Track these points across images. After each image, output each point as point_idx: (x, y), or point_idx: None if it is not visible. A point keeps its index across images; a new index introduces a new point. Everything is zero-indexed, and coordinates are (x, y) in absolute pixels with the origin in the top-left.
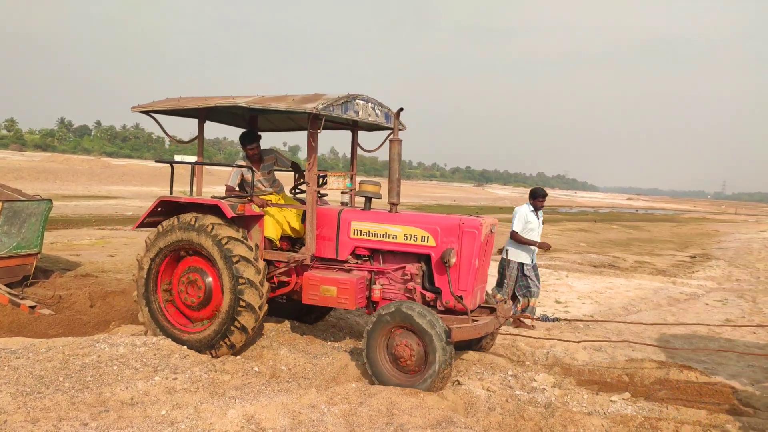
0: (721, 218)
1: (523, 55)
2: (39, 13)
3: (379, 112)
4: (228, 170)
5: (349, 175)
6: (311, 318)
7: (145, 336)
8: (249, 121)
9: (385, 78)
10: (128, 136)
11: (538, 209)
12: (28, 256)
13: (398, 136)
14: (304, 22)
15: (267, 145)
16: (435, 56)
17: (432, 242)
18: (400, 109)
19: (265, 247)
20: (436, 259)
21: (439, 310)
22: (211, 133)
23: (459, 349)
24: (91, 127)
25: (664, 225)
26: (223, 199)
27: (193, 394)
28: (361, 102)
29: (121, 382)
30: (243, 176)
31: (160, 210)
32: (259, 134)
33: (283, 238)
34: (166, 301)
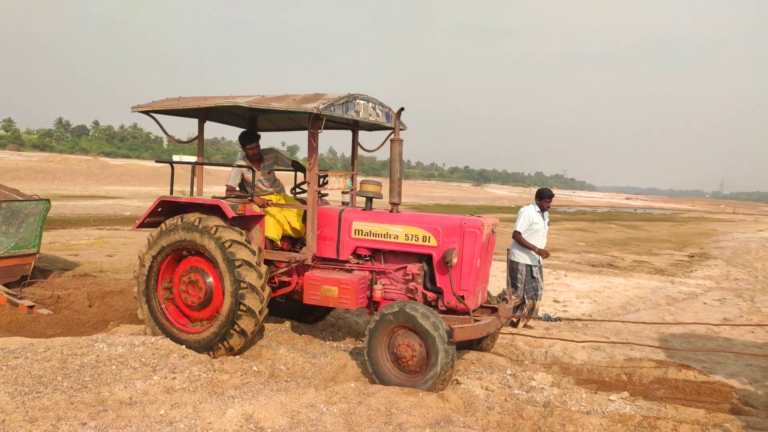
0: (719, 217)
1: (522, 55)
2: (37, 13)
3: (380, 111)
4: (227, 170)
5: (350, 175)
6: (311, 318)
7: (144, 336)
8: (249, 120)
9: (384, 78)
10: (126, 136)
11: (544, 210)
12: (27, 256)
13: (399, 136)
14: (304, 22)
15: (265, 145)
16: (433, 56)
17: (433, 242)
18: (401, 109)
19: (265, 247)
20: (438, 259)
21: (441, 310)
22: (210, 133)
23: (459, 349)
24: (89, 127)
25: (662, 224)
26: (223, 199)
27: (191, 393)
28: (362, 102)
29: (119, 382)
30: (243, 176)
31: (161, 210)
32: (259, 134)
33: (284, 238)
34: (166, 299)
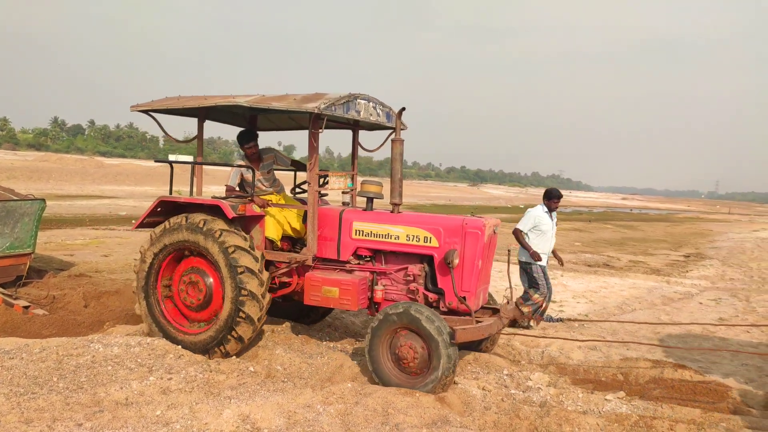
0: (714, 218)
1: (520, 56)
2: (35, 13)
3: (381, 111)
4: (224, 170)
5: (350, 175)
6: (310, 319)
7: (140, 336)
8: (249, 120)
9: (383, 78)
10: (122, 135)
11: (552, 210)
12: (22, 256)
13: (400, 136)
14: (304, 22)
15: (262, 145)
16: (431, 56)
17: (435, 243)
18: (402, 109)
19: (265, 247)
20: (439, 259)
21: (442, 311)
22: (206, 132)
23: (459, 350)
24: (85, 126)
25: (658, 224)
26: (223, 200)
27: (188, 394)
28: (363, 101)
29: (115, 383)
30: (243, 176)
31: (160, 210)
32: (257, 133)
33: (284, 239)
34: (164, 296)
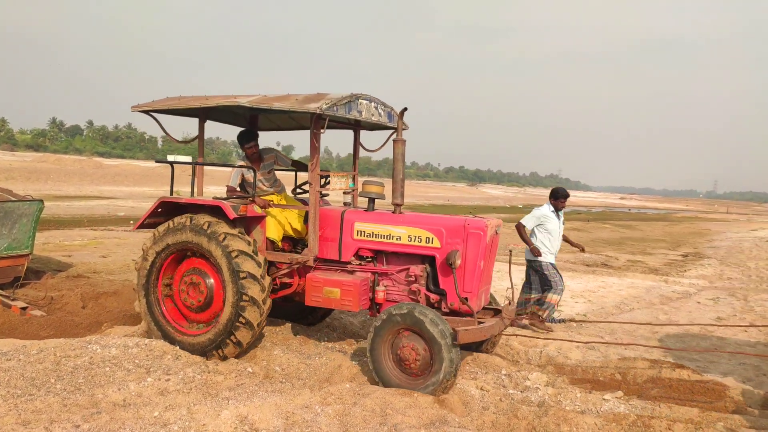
0: (713, 217)
1: (518, 55)
2: (32, 13)
3: (382, 111)
4: (223, 170)
5: (352, 176)
6: (311, 319)
7: (138, 337)
8: (249, 120)
9: (382, 78)
10: (120, 136)
11: (559, 210)
12: (20, 257)
13: (402, 137)
14: (304, 22)
15: (261, 145)
16: (429, 56)
17: (437, 243)
18: (404, 109)
19: (266, 248)
20: (441, 260)
21: (444, 312)
22: (205, 132)
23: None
24: (83, 127)
25: (656, 224)
26: (224, 200)
27: (186, 395)
28: (365, 102)
29: (113, 384)
30: (243, 176)
31: (161, 210)
32: (257, 133)
33: (285, 239)
34: (165, 295)
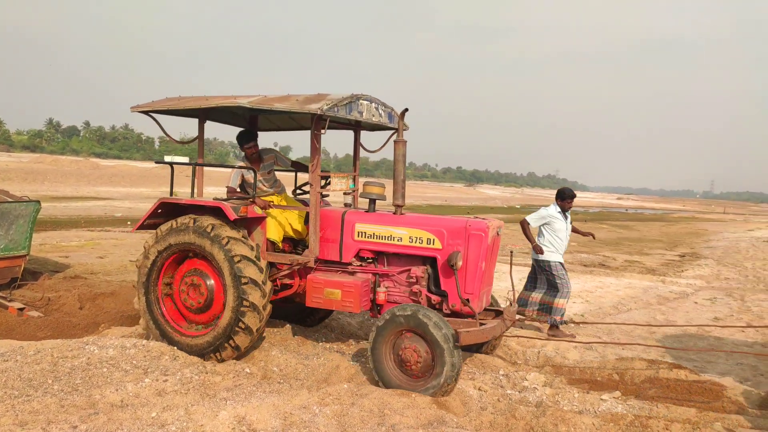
0: (709, 217)
1: (518, 55)
2: (29, 13)
3: (383, 112)
4: (220, 171)
5: (352, 176)
6: (311, 321)
7: (135, 338)
8: (249, 120)
9: (381, 78)
10: (117, 136)
11: (565, 210)
12: (16, 257)
13: (402, 137)
14: (304, 22)
15: (259, 146)
16: (428, 57)
17: (438, 245)
18: (405, 110)
19: (267, 248)
20: (442, 261)
21: (445, 313)
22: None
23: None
24: (80, 127)
25: (653, 224)
26: (225, 201)
27: (183, 395)
28: (365, 102)
29: (110, 385)
30: (243, 177)
31: (161, 211)
32: (257, 133)
33: (285, 240)
34: (165, 294)
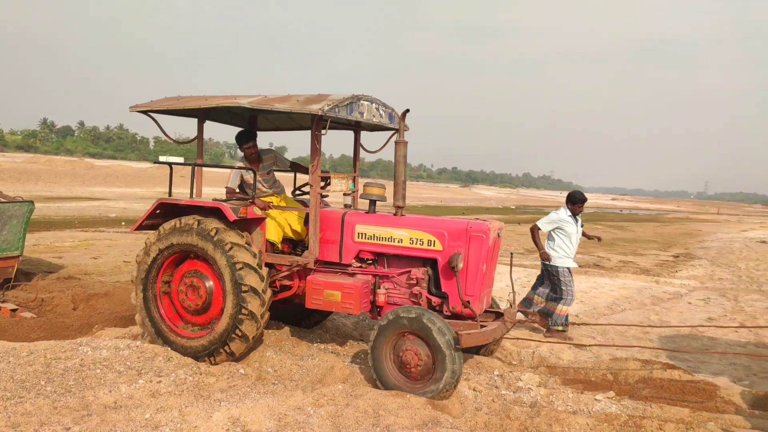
0: (703, 218)
1: (518, 55)
2: (24, 12)
3: (383, 113)
4: (218, 171)
5: (352, 177)
6: (309, 322)
7: (129, 339)
8: (248, 120)
9: (380, 78)
10: (112, 136)
11: (576, 214)
12: (10, 258)
13: (403, 138)
14: (303, 22)
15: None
16: (425, 57)
17: (438, 246)
18: (406, 111)
19: (266, 249)
20: (443, 263)
21: (446, 315)
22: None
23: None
24: (74, 127)
25: (648, 225)
26: (224, 202)
27: (177, 397)
28: (366, 103)
29: (104, 386)
30: (243, 177)
31: (159, 212)
32: (256, 133)
33: (284, 241)
34: (163, 292)
